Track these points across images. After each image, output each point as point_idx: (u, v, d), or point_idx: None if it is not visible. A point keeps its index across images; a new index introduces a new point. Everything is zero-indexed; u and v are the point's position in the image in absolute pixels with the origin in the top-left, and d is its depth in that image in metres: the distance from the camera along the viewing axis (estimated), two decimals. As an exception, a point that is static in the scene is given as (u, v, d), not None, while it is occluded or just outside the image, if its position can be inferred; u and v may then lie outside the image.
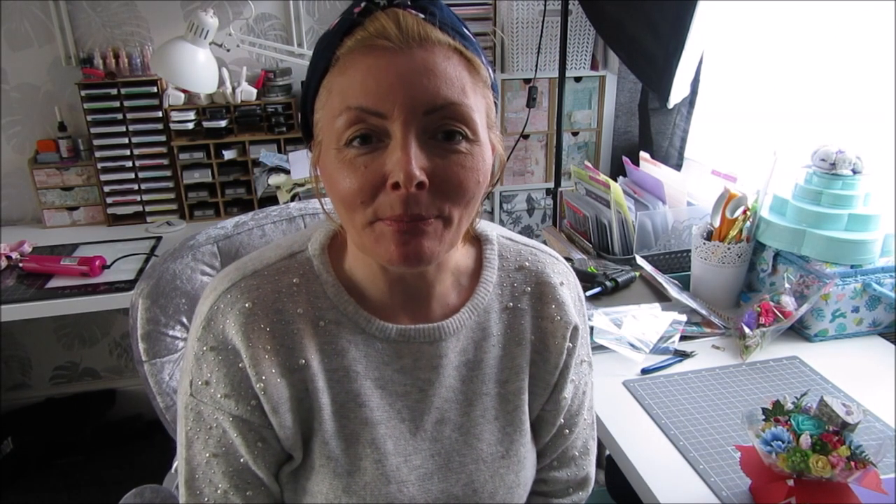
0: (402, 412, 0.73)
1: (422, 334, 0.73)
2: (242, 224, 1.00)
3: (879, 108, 1.39)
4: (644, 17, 1.89)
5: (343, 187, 0.62)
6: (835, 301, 1.31)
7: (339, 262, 0.74)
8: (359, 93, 0.60)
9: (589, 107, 2.48)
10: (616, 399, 1.17)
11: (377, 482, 0.71)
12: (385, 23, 0.60)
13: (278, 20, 2.25)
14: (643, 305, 1.41)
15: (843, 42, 1.48)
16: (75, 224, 2.22)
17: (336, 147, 0.62)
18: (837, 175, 1.33)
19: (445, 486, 0.74)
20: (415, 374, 0.73)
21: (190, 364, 0.70)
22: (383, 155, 0.61)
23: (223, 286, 0.71)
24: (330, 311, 0.71)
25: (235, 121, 2.19)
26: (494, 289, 0.77)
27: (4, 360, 2.42)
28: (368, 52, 0.61)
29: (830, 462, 0.83)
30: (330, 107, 0.63)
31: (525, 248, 0.81)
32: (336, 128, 0.62)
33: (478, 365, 0.76)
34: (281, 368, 0.68)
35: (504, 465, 0.77)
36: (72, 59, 2.13)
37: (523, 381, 0.78)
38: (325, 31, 0.66)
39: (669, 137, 2.13)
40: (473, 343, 0.76)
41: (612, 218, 1.66)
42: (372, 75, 0.60)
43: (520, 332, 0.78)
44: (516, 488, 0.78)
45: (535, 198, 2.59)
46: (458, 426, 0.75)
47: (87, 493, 2.09)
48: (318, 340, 0.70)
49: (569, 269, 0.84)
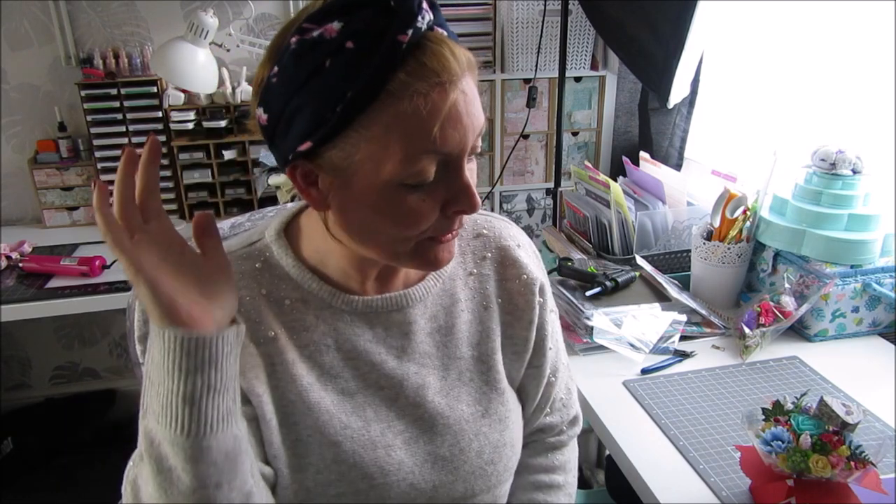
0: (379, 381, 0.75)
1: (388, 303, 0.76)
2: (238, 225, 1.00)
3: (879, 108, 1.39)
4: (644, 17, 1.89)
5: (402, 222, 0.64)
6: (835, 301, 1.31)
7: (297, 247, 0.76)
8: (437, 134, 0.59)
9: (589, 107, 2.48)
10: (616, 399, 1.17)
11: (364, 448, 0.73)
12: (439, 53, 0.59)
13: (278, 20, 2.25)
14: (643, 305, 1.41)
15: (843, 42, 1.48)
16: (75, 224, 2.22)
17: (391, 186, 0.62)
18: (837, 175, 1.33)
19: (432, 448, 0.77)
20: (387, 342, 0.76)
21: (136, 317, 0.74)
22: (438, 184, 0.63)
23: None
24: (294, 290, 0.74)
25: (235, 121, 2.19)
26: (456, 257, 0.81)
27: (4, 360, 2.42)
28: (432, 86, 0.58)
29: (830, 462, 0.83)
30: (384, 145, 0.60)
31: (480, 216, 0.86)
32: (406, 169, 0.60)
33: (450, 330, 0.79)
34: (248, 338, 0.70)
35: (486, 423, 0.79)
36: (72, 59, 2.13)
37: (495, 343, 0.81)
38: (321, 40, 0.58)
39: (669, 137, 2.13)
40: (443, 309, 0.79)
41: (612, 218, 1.66)
42: (451, 117, 0.60)
43: (486, 296, 0.82)
44: (502, 448, 0.80)
45: (535, 198, 2.59)
46: (439, 390, 0.78)
47: (87, 493, 2.08)
48: (284, 318, 0.73)
49: (521, 232, 0.88)
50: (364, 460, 0.73)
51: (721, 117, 1.96)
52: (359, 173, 0.62)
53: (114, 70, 2.12)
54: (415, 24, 0.57)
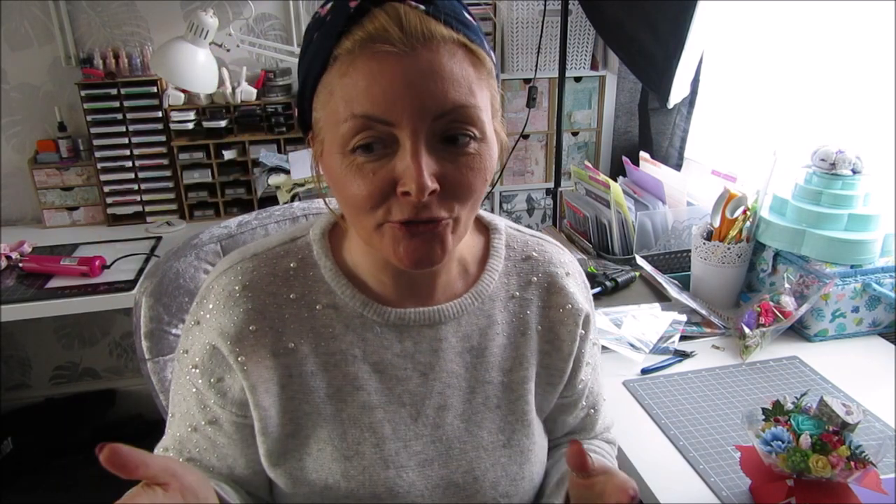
0: (402, 396, 0.73)
1: (421, 317, 0.73)
2: (246, 223, 1.01)
3: (879, 108, 1.39)
4: (644, 17, 1.89)
5: (351, 192, 0.62)
6: (835, 301, 1.31)
7: (339, 248, 0.74)
8: (364, 101, 0.58)
9: (589, 107, 2.48)
10: (616, 399, 1.17)
11: (375, 466, 0.71)
12: (386, 22, 0.58)
13: (278, 20, 2.25)
14: (643, 305, 1.41)
15: (843, 42, 1.48)
16: (75, 224, 2.22)
17: (341, 152, 0.61)
18: (837, 175, 1.33)
19: (446, 473, 0.74)
20: (415, 357, 0.73)
21: (182, 332, 0.75)
22: (392, 161, 0.60)
23: (223, 266, 0.74)
24: (326, 295, 0.72)
25: (235, 121, 2.19)
26: (500, 277, 0.78)
27: (4, 360, 2.42)
28: (370, 55, 0.58)
29: (830, 462, 0.83)
30: (332, 109, 0.61)
31: (532, 238, 0.82)
32: (341, 133, 0.60)
33: (482, 352, 0.76)
34: (265, 350, 0.70)
35: (506, 454, 0.76)
36: (72, 59, 2.13)
37: (527, 371, 0.78)
38: (317, 17, 0.64)
39: (669, 137, 2.13)
40: (478, 330, 0.76)
41: (612, 218, 1.66)
42: (377, 82, 0.58)
43: (525, 321, 0.78)
44: (521, 481, 0.77)
45: (535, 198, 2.59)
46: (460, 413, 0.75)
47: (87, 493, 2.08)
48: (312, 324, 0.71)
49: (573, 260, 0.84)
50: (374, 479, 0.71)
51: (721, 117, 1.96)
52: (325, 142, 0.64)
53: (114, 70, 2.12)
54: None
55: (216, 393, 0.72)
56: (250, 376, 0.69)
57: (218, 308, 0.71)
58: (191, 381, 0.73)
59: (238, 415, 0.72)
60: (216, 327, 0.70)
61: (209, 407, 0.73)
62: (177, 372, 0.76)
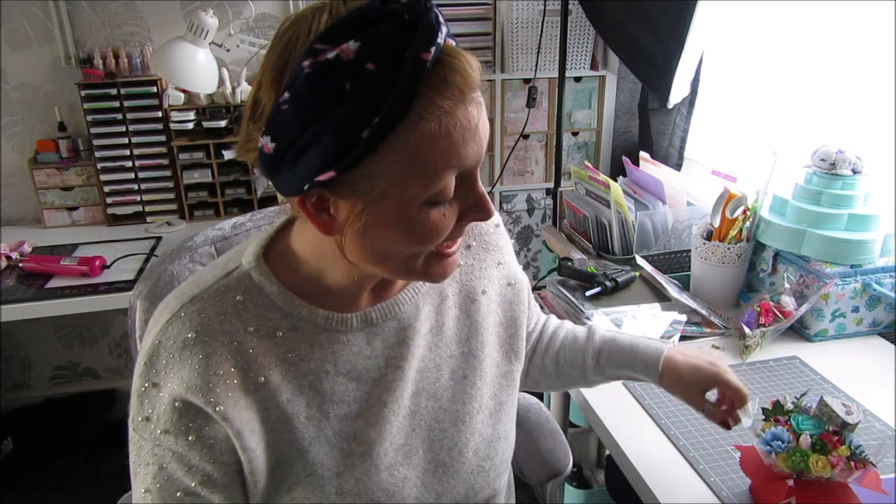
0: (381, 396, 0.73)
1: (384, 312, 0.74)
2: (240, 225, 1.00)
3: (879, 108, 1.39)
4: (644, 17, 1.89)
5: (422, 237, 0.63)
6: (835, 301, 1.31)
7: (281, 269, 0.71)
8: (462, 151, 0.59)
9: (589, 107, 2.48)
10: (616, 399, 1.17)
11: (369, 474, 0.71)
12: (464, 69, 0.57)
13: (278, 20, 2.25)
14: (643, 305, 1.41)
15: (843, 42, 1.48)
16: (75, 224, 2.22)
17: (417, 205, 0.60)
18: (837, 175, 1.33)
19: (432, 457, 0.76)
20: (386, 353, 0.74)
21: (133, 399, 0.67)
22: (455, 196, 0.63)
23: (164, 318, 0.68)
24: (283, 319, 0.69)
25: (235, 121, 2.19)
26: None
27: (4, 360, 2.42)
28: (457, 103, 0.57)
29: (830, 462, 0.83)
30: (414, 165, 0.58)
31: None
32: (433, 188, 0.60)
33: (440, 329, 0.78)
34: (238, 391, 0.66)
35: (479, 420, 0.79)
36: (72, 59, 2.13)
37: (483, 336, 0.81)
38: (340, 62, 0.54)
39: (669, 137, 2.13)
40: (434, 308, 0.78)
41: (612, 218, 1.66)
42: (469, 130, 0.59)
43: (472, 287, 0.82)
44: (496, 441, 0.80)
45: (535, 198, 2.59)
46: (432, 394, 0.77)
47: (87, 493, 2.08)
48: (278, 352, 0.69)
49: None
50: (369, 487, 0.71)
51: (721, 117, 1.96)
52: (384, 196, 0.59)
53: (114, 70, 2.12)
54: (436, 41, 0.55)
55: (201, 448, 0.66)
56: (233, 422, 0.65)
57: (174, 362, 0.65)
58: (163, 449, 0.66)
59: (231, 462, 0.68)
60: (179, 382, 0.65)
61: (196, 467, 0.67)
62: (138, 445, 0.68)
